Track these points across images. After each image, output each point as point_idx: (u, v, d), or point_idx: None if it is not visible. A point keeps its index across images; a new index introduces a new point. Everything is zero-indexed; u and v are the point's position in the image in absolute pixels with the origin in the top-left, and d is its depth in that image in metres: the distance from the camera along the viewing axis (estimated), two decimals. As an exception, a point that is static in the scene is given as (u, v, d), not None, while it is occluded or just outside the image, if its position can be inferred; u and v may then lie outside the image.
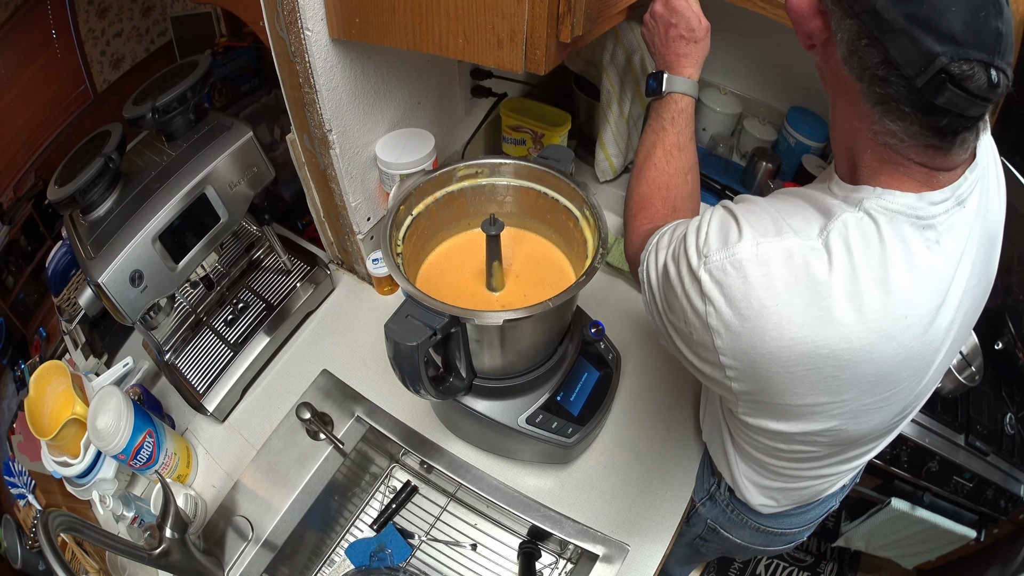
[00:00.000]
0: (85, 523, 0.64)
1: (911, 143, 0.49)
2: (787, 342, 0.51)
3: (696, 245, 0.55)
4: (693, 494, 0.94)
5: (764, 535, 0.91)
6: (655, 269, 0.63)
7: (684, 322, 0.58)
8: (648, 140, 0.78)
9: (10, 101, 1.04)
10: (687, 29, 0.79)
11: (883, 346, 0.51)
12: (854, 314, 0.50)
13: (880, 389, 0.55)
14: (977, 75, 0.44)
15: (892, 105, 0.47)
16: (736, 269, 0.52)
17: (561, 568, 0.97)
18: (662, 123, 0.78)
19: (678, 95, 0.78)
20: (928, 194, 0.50)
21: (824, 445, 0.63)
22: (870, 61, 0.47)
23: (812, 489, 0.78)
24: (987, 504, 1.36)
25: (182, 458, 0.93)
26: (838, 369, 0.52)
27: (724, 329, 0.53)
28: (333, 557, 1.02)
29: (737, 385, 0.57)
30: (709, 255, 0.53)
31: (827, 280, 0.49)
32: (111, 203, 0.83)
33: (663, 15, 0.79)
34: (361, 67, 0.86)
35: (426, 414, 0.99)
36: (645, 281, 0.65)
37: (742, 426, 0.69)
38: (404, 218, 0.79)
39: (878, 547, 1.55)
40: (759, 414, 0.62)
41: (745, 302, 0.51)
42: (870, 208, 0.51)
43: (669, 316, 0.61)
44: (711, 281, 0.53)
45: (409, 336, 0.64)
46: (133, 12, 1.17)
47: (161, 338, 1.02)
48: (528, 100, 1.29)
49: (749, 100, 1.45)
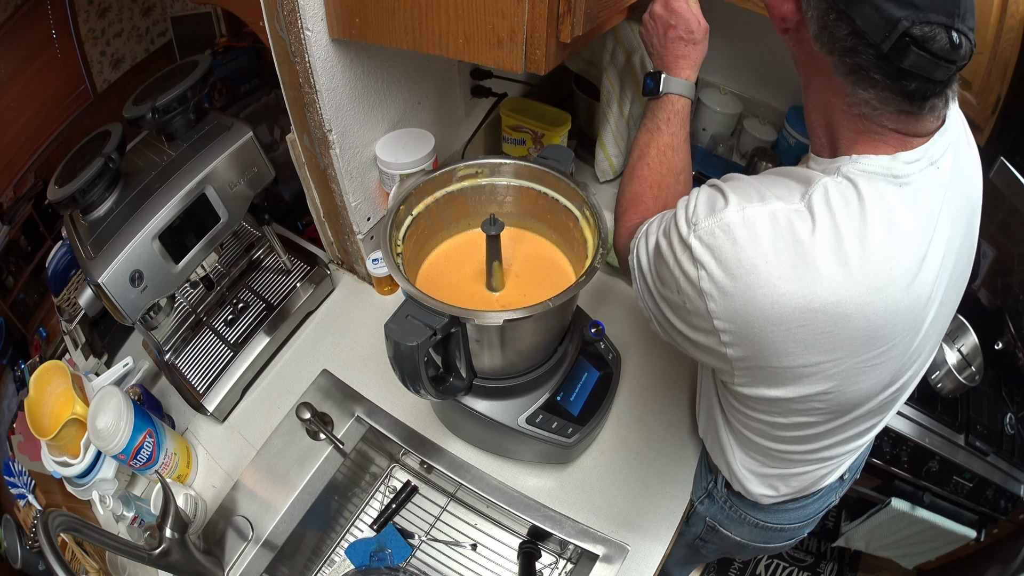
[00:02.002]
0: (85, 523, 0.64)
1: (884, 110, 0.52)
2: (777, 298, 0.52)
3: (685, 216, 0.57)
4: (691, 494, 0.94)
5: (763, 531, 0.90)
6: (646, 251, 0.65)
7: (677, 292, 0.59)
8: (643, 140, 0.79)
9: (10, 101, 1.04)
10: (686, 31, 0.80)
11: (872, 298, 0.52)
12: (840, 267, 0.51)
13: (873, 345, 0.56)
14: (939, 36, 0.46)
15: (863, 74, 0.50)
16: (724, 232, 0.54)
17: (561, 568, 0.97)
18: (657, 123, 0.78)
19: (675, 96, 0.79)
20: (901, 154, 0.53)
21: (822, 413, 0.64)
22: (839, 33, 0.50)
23: (812, 474, 0.78)
24: (987, 504, 1.36)
25: (182, 458, 0.93)
26: (830, 324, 0.53)
27: (717, 291, 0.55)
28: (333, 557, 1.02)
29: (732, 351, 0.58)
30: (698, 223, 0.55)
31: (811, 238, 0.52)
32: (111, 203, 0.83)
33: (662, 16, 0.80)
34: (361, 67, 0.86)
35: (426, 414, 0.99)
36: (636, 266, 0.67)
37: (738, 403, 0.70)
38: (404, 218, 0.79)
39: (878, 547, 1.55)
40: (755, 382, 0.62)
41: (735, 262, 0.53)
42: (848, 172, 0.54)
43: (662, 291, 0.63)
44: (701, 246, 0.55)
45: (409, 336, 0.64)
46: (133, 12, 1.17)
47: (161, 338, 1.02)
48: (528, 100, 1.29)
49: (749, 100, 1.45)
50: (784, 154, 1.38)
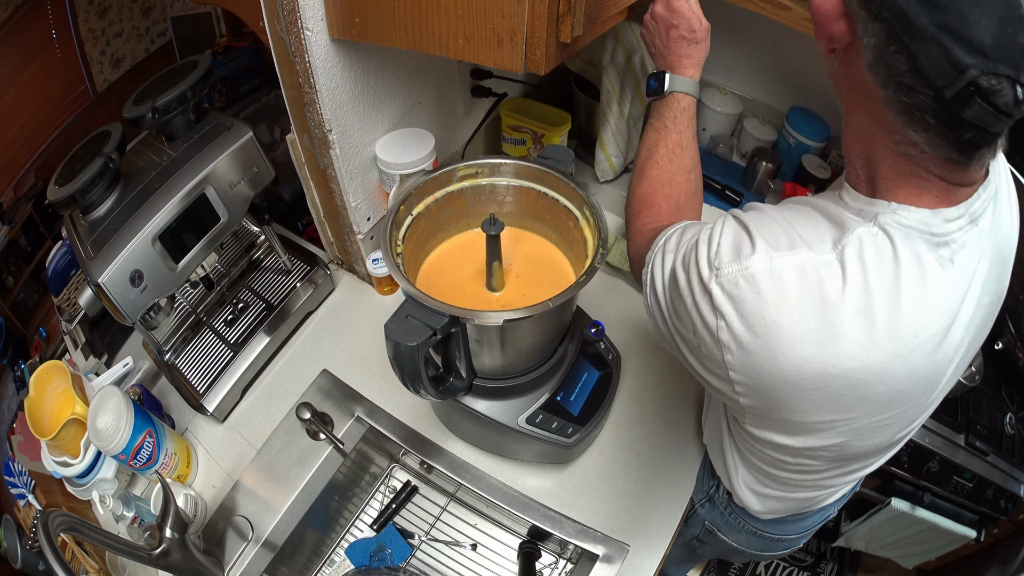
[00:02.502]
0: (85, 523, 0.64)
1: (932, 155, 0.48)
2: (798, 360, 0.50)
3: (708, 256, 0.54)
4: (693, 494, 0.94)
5: (761, 540, 0.91)
6: (661, 273, 0.61)
7: (693, 333, 0.56)
8: (650, 139, 0.77)
9: (10, 101, 1.04)
10: (688, 30, 0.79)
11: (893, 365, 0.50)
12: (866, 332, 0.49)
13: (889, 407, 0.55)
14: (1005, 90, 0.43)
15: (916, 115, 0.46)
16: (749, 283, 0.50)
17: (561, 568, 0.97)
18: (664, 122, 0.77)
19: (680, 94, 0.78)
20: (943, 211, 0.49)
21: (828, 460, 0.63)
22: (897, 68, 0.45)
23: (810, 498, 0.79)
24: (987, 504, 1.36)
25: (182, 458, 0.93)
26: (848, 388, 0.51)
27: (735, 345, 0.52)
28: (333, 557, 1.02)
29: (745, 400, 0.56)
30: (721, 267, 0.52)
31: (840, 298, 0.48)
32: (111, 203, 0.83)
33: (664, 16, 0.79)
34: (361, 67, 0.86)
35: (426, 414, 0.99)
36: (649, 284, 0.64)
37: (747, 436, 0.69)
38: (404, 218, 0.79)
39: (878, 547, 1.55)
40: (765, 427, 0.61)
41: (758, 318, 0.50)
42: (885, 223, 0.50)
43: (676, 324, 0.60)
44: (723, 294, 0.52)
45: (409, 336, 0.64)
46: (133, 12, 1.17)
47: (161, 338, 1.02)
48: (528, 100, 1.29)
49: (749, 100, 1.45)
50: (784, 154, 1.38)
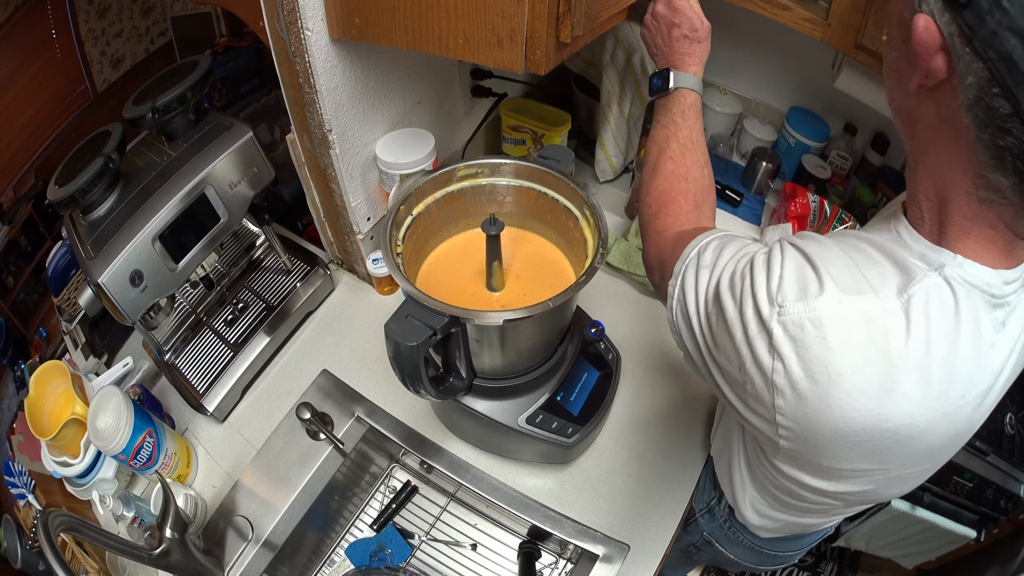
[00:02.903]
0: (85, 523, 0.64)
1: (1011, 202, 0.45)
2: (853, 413, 0.47)
3: (768, 290, 0.49)
4: (693, 503, 0.94)
5: (758, 554, 0.91)
6: (695, 291, 0.57)
7: (738, 369, 0.52)
8: (660, 136, 0.76)
9: (10, 101, 1.04)
10: (690, 29, 0.79)
11: (939, 423, 0.49)
12: (921, 390, 0.47)
13: (923, 462, 0.54)
14: None
15: (1008, 159, 0.43)
16: (816, 328, 0.46)
17: (561, 568, 0.97)
18: (672, 117, 0.76)
19: (686, 90, 0.77)
20: (1004, 272, 0.48)
21: (849, 502, 0.63)
22: (998, 112, 0.42)
23: (817, 523, 0.79)
24: (987, 504, 1.36)
25: (182, 458, 0.93)
26: (893, 442, 0.49)
27: (791, 391, 0.48)
28: (333, 557, 1.02)
29: (785, 443, 0.53)
30: (785, 305, 0.47)
31: (903, 352, 0.46)
32: (111, 203, 0.83)
33: (665, 15, 0.79)
34: (361, 67, 0.86)
35: (426, 414, 0.99)
36: (677, 299, 0.59)
37: (770, 467, 0.66)
38: (404, 218, 0.79)
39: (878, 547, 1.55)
40: (797, 467, 0.59)
41: (820, 366, 0.47)
42: (951, 277, 0.47)
43: (713, 352, 0.56)
44: (785, 336, 0.47)
45: (409, 336, 0.64)
46: (133, 12, 1.17)
47: (161, 338, 1.02)
48: (528, 100, 1.29)
49: (749, 100, 1.45)
50: (784, 154, 1.38)
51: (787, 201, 1.22)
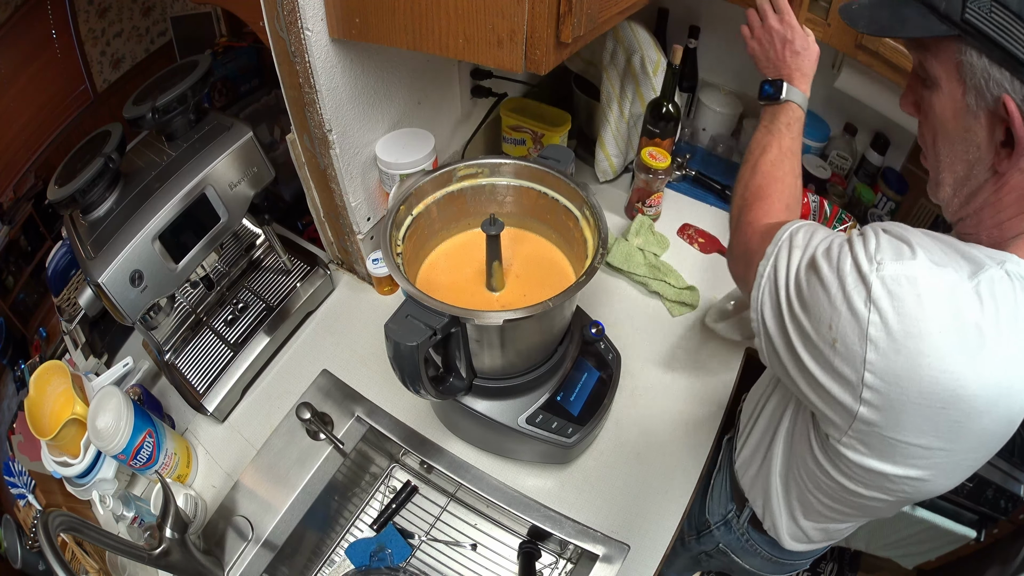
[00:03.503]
0: (85, 523, 0.64)
1: None
2: (938, 373, 0.49)
3: (865, 250, 0.52)
4: (707, 514, 0.95)
5: (773, 564, 0.92)
6: (786, 267, 0.59)
7: (829, 327, 0.54)
8: (763, 139, 0.78)
9: (10, 101, 1.04)
10: (802, 47, 0.82)
11: (1003, 401, 0.51)
12: (992, 362, 0.50)
13: (981, 448, 0.55)
14: None
15: None
16: (911, 284, 0.49)
17: (561, 568, 0.97)
18: (778, 126, 0.78)
19: (794, 104, 0.79)
20: None
21: (897, 500, 0.63)
22: None
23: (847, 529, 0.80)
24: (987, 504, 1.36)
25: (182, 458, 0.93)
26: (963, 415, 0.51)
27: (886, 342, 0.50)
28: (333, 557, 1.02)
29: (865, 410, 0.54)
30: (883, 263, 0.50)
31: (979, 323, 0.49)
32: (111, 203, 0.83)
33: (779, 30, 0.82)
34: (361, 67, 0.86)
35: (426, 414, 0.99)
36: (768, 276, 0.61)
37: (825, 460, 0.67)
38: (404, 218, 0.79)
39: (878, 547, 1.55)
40: (865, 448, 0.59)
41: (914, 321, 0.49)
42: (1012, 272, 0.51)
43: (800, 317, 0.57)
44: (883, 289, 0.50)
45: (409, 336, 0.64)
46: (133, 12, 1.17)
47: (161, 338, 1.02)
48: (528, 100, 1.29)
49: (749, 100, 1.45)
50: (784, 154, 1.38)
51: (787, 201, 1.22)
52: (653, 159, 1.16)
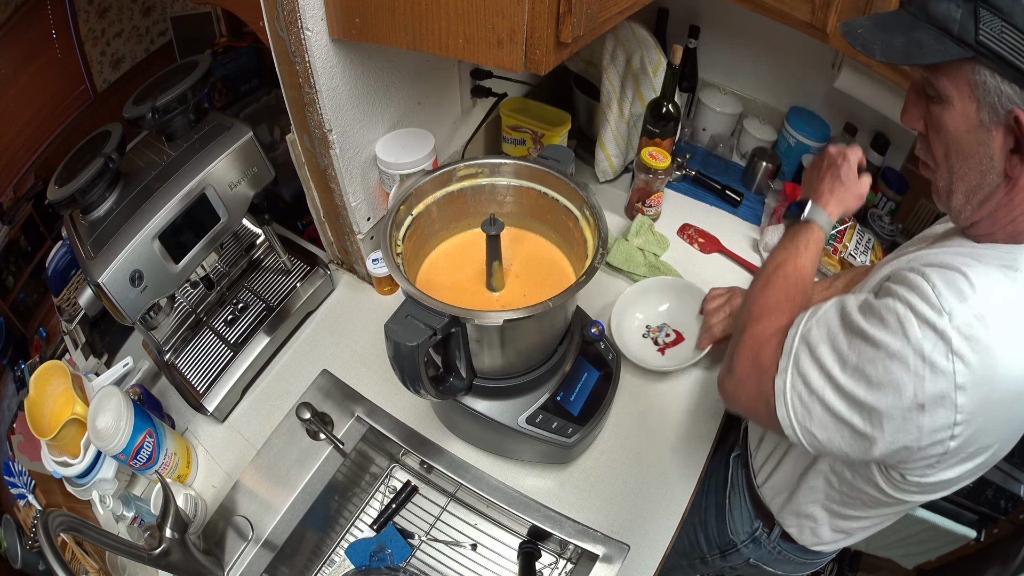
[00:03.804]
0: (85, 523, 0.64)
1: None
2: (1014, 374, 0.52)
3: (929, 303, 0.52)
4: (731, 534, 0.97)
5: (802, 565, 0.95)
6: (819, 366, 0.59)
7: (913, 395, 0.53)
8: (780, 256, 0.78)
9: (10, 101, 1.04)
10: (847, 177, 0.83)
11: None
12: None
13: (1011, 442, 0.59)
14: None
15: None
16: (981, 321, 0.51)
17: (561, 568, 0.97)
18: (796, 244, 0.78)
19: (815, 225, 0.79)
20: None
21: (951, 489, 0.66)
22: None
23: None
24: (987, 504, 1.36)
25: (182, 458, 0.93)
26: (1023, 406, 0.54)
27: (971, 382, 0.51)
28: (333, 557, 1.02)
29: (954, 443, 0.55)
30: (953, 311, 0.51)
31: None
32: (111, 203, 0.83)
33: (834, 157, 0.84)
34: (361, 67, 0.86)
35: (426, 414, 0.99)
36: (794, 387, 0.61)
37: (891, 490, 0.68)
38: (404, 218, 0.79)
39: (878, 547, 1.55)
40: (942, 466, 0.59)
41: (990, 350, 0.51)
42: None
43: (870, 403, 0.55)
44: (962, 338, 0.51)
45: (409, 336, 0.64)
46: (133, 12, 1.17)
47: (161, 338, 1.02)
48: (528, 100, 1.29)
49: (749, 100, 1.45)
50: (784, 154, 1.38)
51: (787, 201, 1.22)
52: (653, 159, 1.16)
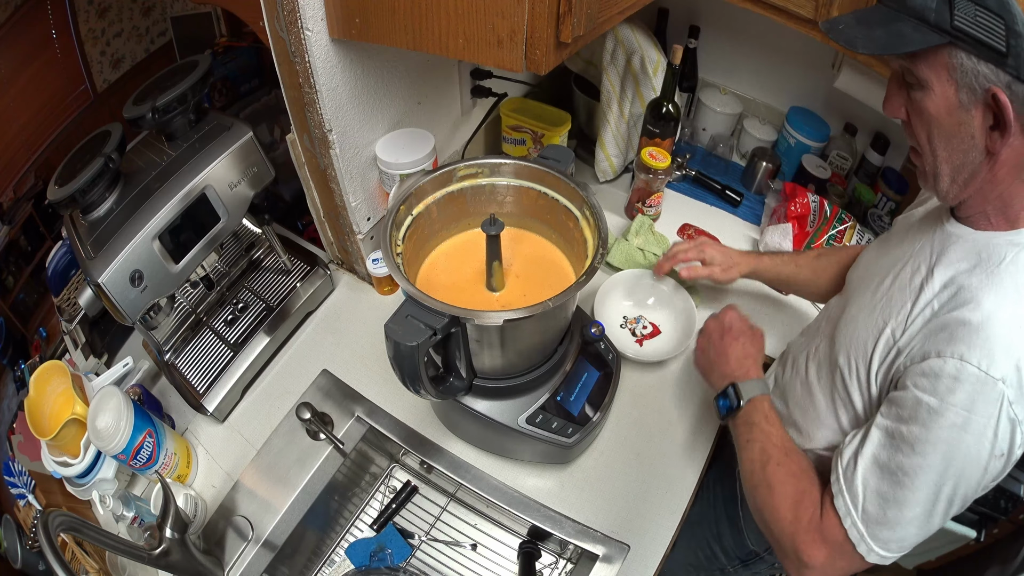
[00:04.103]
0: (85, 523, 0.64)
1: None
2: None
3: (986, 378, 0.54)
4: (752, 545, 0.97)
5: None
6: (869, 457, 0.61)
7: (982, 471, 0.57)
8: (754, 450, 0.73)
9: (10, 101, 1.04)
10: (740, 331, 0.85)
11: None
12: None
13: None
14: None
15: None
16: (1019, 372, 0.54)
17: (561, 568, 0.97)
18: (761, 427, 0.74)
19: (758, 399, 0.77)
20: None
21: None
22: None
23: None
24: (987, 504, 1.35)
25: (182, 458, 0.93)
26: None
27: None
28: (333, 557, 1.02)
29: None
30: (1007, 376, 0.54)
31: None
32: (111, 203, 0.83)
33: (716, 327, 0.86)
34: (361, 67, 0.86)
35: (426, 414, 0.99)
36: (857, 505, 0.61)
37: None
38: (404, 218, 0.79)
39: (878, 547, 1.55)
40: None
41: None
42: None
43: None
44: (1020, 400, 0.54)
45: (409, 336, 0.64)
46: (133, 12, 1.17)
47: (161, 338, 1.02)
48: (528, 100, 1.29)
49: (749, 100, 1.45)
50: (784, 154, 1.39)
51: (787, 201, 1.22)
52: (653, 159, 1.16)
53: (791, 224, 1.19)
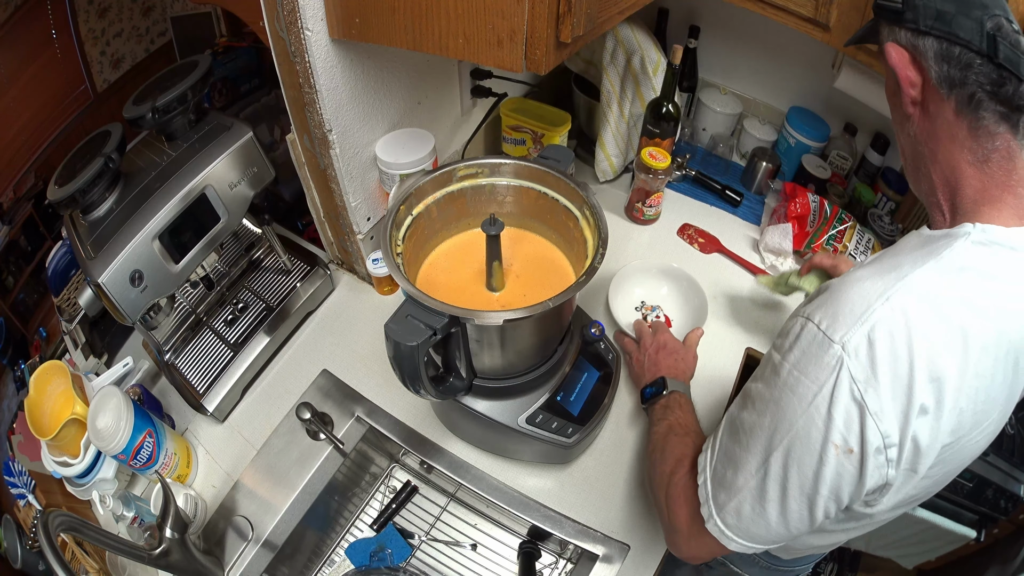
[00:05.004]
0: (85, 523, 0.64)
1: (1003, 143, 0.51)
2: None
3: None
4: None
5: (773, 571, 0.95)
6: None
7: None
8: (663, 426, 0.79)
9: (10, 101, 1.04)
10: (674, 349, 0.92)
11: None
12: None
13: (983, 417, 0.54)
14: (1004, 26, 0.50)
15: (979, 96, 0.51)
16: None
17: (561, 568, 0.97)
18: (675, 411, 0.82)
19: (678, 393, 0.85)
20: (1018, 229, 0.51)
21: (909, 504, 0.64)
22: (953, 57, 0.51)
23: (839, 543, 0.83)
24: (987, 504, 1.36)
25: (182, 458, 0.93)
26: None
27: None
28: (333, 557, 1.02)
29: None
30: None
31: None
32: (111, 203, 0.83)
33: (651, 343, 0.94)
34: (361, 67, 0.86)
35: (426, 414, 0.99)
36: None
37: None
38: (404, 218, 0.79)
39: (878, 547, 1.55)
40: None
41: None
42: (977, 240, 0.51)
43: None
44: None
45: (409, 336, 0.64)
46: (133, 12, 1.17)
47: (161, 338, 1.02)
48: (528, 100, 1.29)
49: (749, 100, 1.45)
50: (784, 154, 1.39)
51: (787, 201, 1.23)
52: (653, 159, 1.16)
53: (791, 224, 1.19)
